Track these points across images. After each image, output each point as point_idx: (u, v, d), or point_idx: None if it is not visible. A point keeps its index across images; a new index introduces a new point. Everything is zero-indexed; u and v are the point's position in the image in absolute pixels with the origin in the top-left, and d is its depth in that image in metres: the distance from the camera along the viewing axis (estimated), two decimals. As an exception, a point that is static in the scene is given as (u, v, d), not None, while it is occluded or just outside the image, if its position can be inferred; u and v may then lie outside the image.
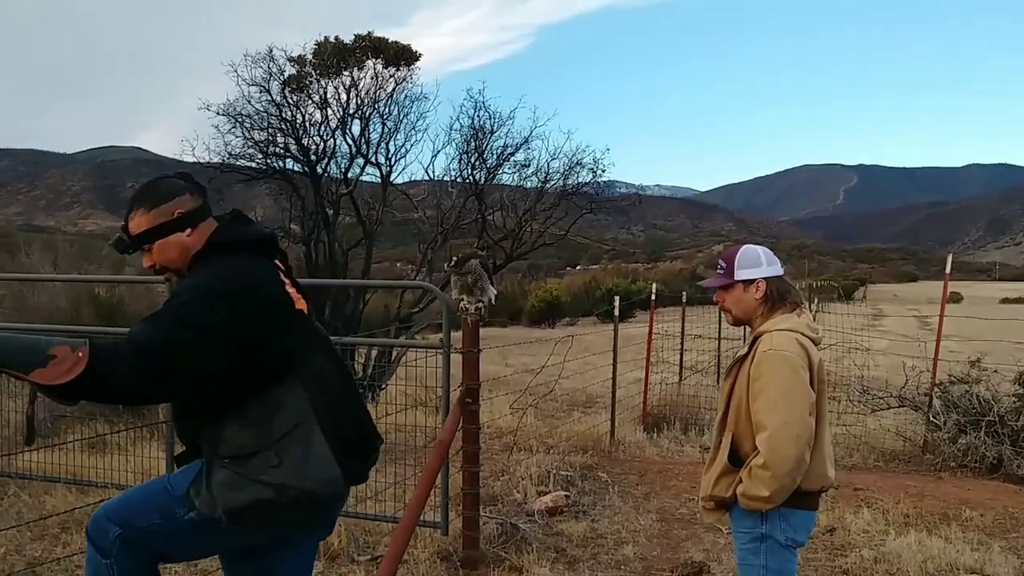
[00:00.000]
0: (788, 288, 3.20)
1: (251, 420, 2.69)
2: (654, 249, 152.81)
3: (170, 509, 2.78)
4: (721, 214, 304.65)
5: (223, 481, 2.68)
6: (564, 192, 13.88)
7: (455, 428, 4.77)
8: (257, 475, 2.66)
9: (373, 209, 13.65)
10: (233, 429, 2.70)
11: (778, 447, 2.93)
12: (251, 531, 2.78)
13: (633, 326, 17.34)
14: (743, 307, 3.21)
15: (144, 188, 2.91)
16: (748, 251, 3.23)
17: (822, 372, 3.13)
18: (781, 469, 2.93)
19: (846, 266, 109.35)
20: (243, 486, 2.66)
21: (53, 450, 6.20)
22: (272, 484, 2.65)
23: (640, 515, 6.18)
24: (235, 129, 12.98)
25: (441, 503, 5.27)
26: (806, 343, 3.06)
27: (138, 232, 2.83)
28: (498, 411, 8.52)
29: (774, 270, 3.19)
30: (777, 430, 2.93)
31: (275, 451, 2.68)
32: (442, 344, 5.32)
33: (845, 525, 5.77)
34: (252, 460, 2.68)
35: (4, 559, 4.77)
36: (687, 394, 10.22)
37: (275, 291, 2.80)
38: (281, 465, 2.67)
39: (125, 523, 2.77)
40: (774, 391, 2.97)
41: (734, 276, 3.20)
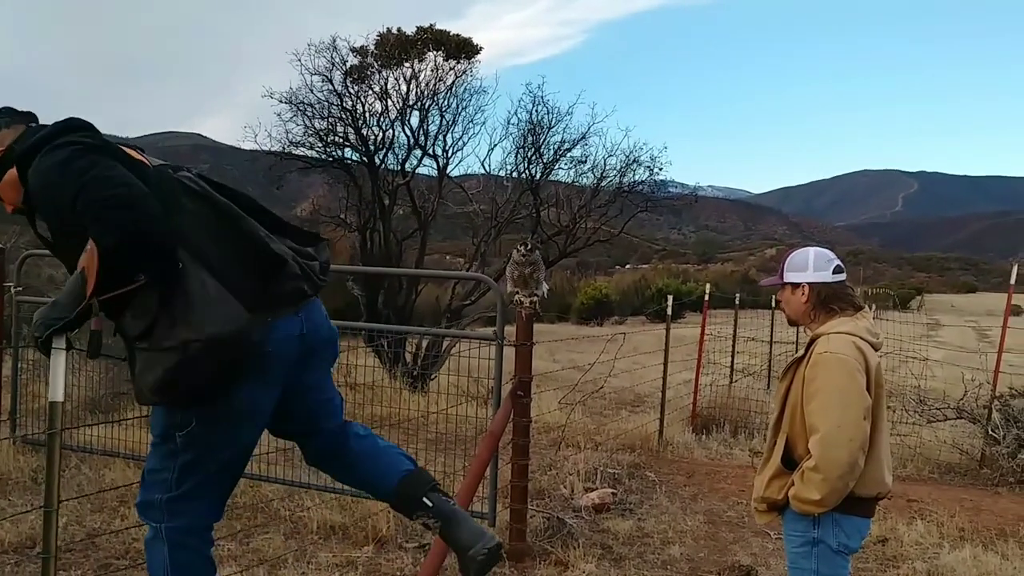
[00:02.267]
0: (837, 293, 3.18)
1: (144, 289, 2.61)
2: (705, 250, 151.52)
3: (166, 449, 2.85)
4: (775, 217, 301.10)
5: (140, 369, 2.65)
6: (620, 190, 13.84)
7: (506, 421, 4.79)
8: (159, 343, 2.60)
9: (428, 201, 13.74)
10: (131, 306, 2.65)
11: (830, 450, 2.92)
12: (197, 403, 2.75)
13: (683, 327, 17.22)
14: (792, 308, 3.28)
15: None
16: (798, 255, 3.28)
17: (880, 377, 3.10)
18: (833, 473, 2.92)
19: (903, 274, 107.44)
20: (154, 362, 2.62)
21: (113, 426, 6.33)
22: (173, 347, 2.58)
23: (687, 516, 6.15)
24: (296, 117, 13.14)
25: (489, 495, 5.30)
26: (864, 347, 3.05)
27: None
28: (546, 406, 8.52)
29: (822, 276, 3.19)
30: (830, 433, 2.92)
31: (167, 312, 2.61)
32: (495, 336, 5.34)
33: (898, 536, 5.69)
34: (153, 332, 2.62)
35: (65, 529, 4.89)
36: (737, 397, 10.14)
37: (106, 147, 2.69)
38: (176, 324, 2.59)
39: (158, 485, 2.88)
40: (828, 394, 2.96)
41: (783, 278, 3.27)
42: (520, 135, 13.61)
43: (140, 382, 2.67)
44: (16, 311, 6.72)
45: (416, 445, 6.25)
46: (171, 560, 2.86)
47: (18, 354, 6.79)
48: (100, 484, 5.70)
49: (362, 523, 5.21)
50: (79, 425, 6.42)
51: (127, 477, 5.80)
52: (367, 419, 7.09)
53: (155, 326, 2.61)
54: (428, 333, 10.65)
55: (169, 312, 2.60)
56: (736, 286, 28.36)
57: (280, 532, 5.13)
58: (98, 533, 4.92)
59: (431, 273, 14.27)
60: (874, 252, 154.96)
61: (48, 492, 2.54)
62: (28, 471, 5.96)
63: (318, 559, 4.76)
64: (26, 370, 6.93)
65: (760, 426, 9.35)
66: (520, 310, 5.05)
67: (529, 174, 13.60)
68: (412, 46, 13.12)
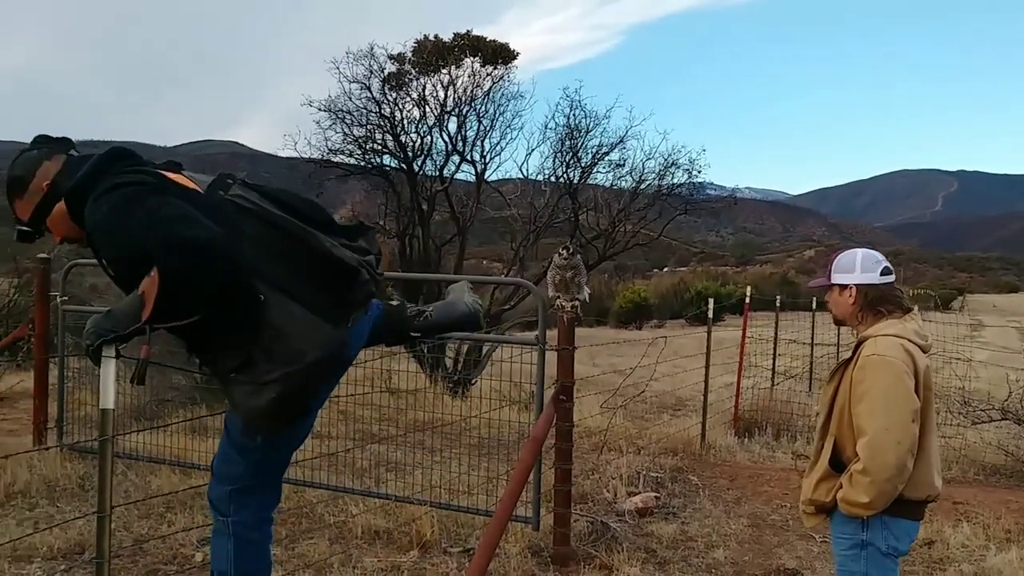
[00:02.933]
0: (885, 295, 3.14)
1: (230, 326, 2.74)
2: (743, 252, 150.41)
3: (244, 444, 3.00)
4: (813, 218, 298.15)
5: (241, 398, 2.81)
6: (658, 193, 13.79)
7: (549, 425, 4.78)
8: (260, 378, 2.74)
9: (466, 206, 13.77)
10: (219, 343, 2.79)
11: (878, 453, 2.89)
12: (294, 416, 2.95)
13: (723, 330, 17.10)
14: (839, 309, 3.25)
15: (8, 174, 2.85)
16: (846, 256, 3.25)
17: (929, 379, 3.06)
18: (881, 475, 2.89)
19: (943, 274, 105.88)
20: (256, 393, 2.76)
21: (158, 432, 6.40)
22: (275, 379, 2.72)
23: (731, 519, 6.10)
24: (335, 125, 13.24)
25: (533, 499, 5.29)
26: (912, 349, 3.01)
27: (26, 219, 2.84)
28: (587, 411, 8.49)
29: (869, 277, 3.15)
30: (878, 435, 2.89)
31: (260, 347, 2.73)
32: (537, 340, 5.33)
33: (944, 539, 5.61)
34: (250, 367, 2.75)
35: (113, 535, 4.93)
36: (779, 399, 10.05)
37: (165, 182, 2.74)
38: (272, 357, 2.73)
39: (229, 477, 3.05)
40: (876, 396, 2.93)
41: (830, 279, 3.23)
42: (558, 139, 13.63)
43: (245, 407, 2.83)
44: (62, 320, 6.82)
45: (458, 450, 6.27)
46: (235, 553, 3.03)
47: (64, 363, 6.89)
48: (146, 491, 5.77)
49: (406, 528, 5.22)
50: (126, 432, 6.49)
51: (173, 484, 5.86)
52: (408, 424, 7.12)
53: (250, 361, 2.74)
54: (469, 338, 10.65)
55: (263, 346, 2.73)
56: (775, 288, 28.13)
57: (325, 537, 5.16)
58: (145, 539, 4.97)
59: (472, 279, 14.24)
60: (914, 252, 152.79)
61: (101, 498, 2.57)
62: (75, 478, 6.04)
63: (363, 564, 4.77)
64: (71, 378, 7.02)
65: (802, 429, 9.26)
66: (562, 314, 5.04)
67: (567, 178, 13.59)
68: (449, 52, 13.16)
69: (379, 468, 6.30)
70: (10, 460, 5.82)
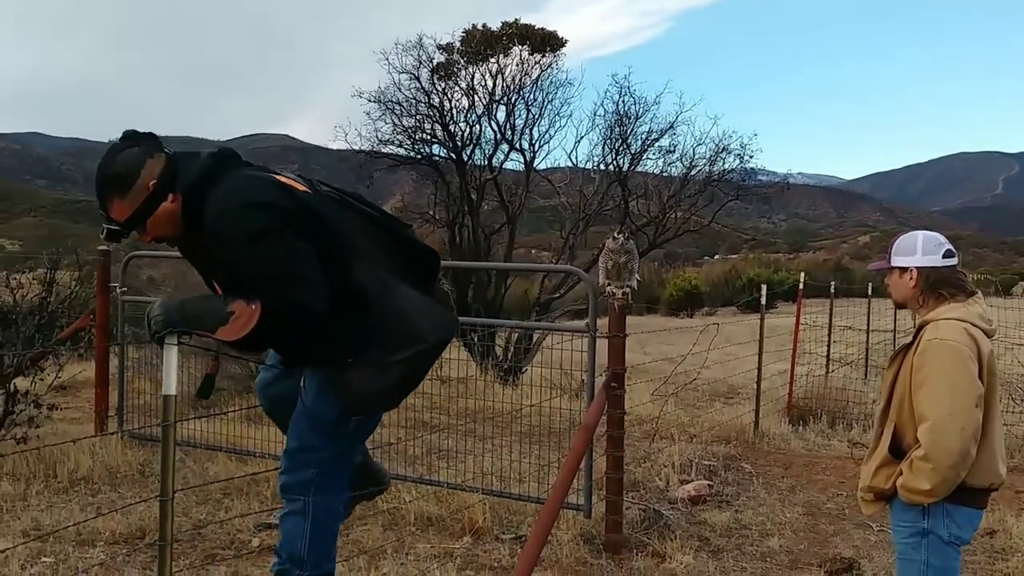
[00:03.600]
0: (947, 278, 3.07)
1: (346, 320, 2.88)
2: (796, 239, 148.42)
3: (332, 423, 3.09)
4: (868, 203, 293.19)
5: (362, 379, 2.94)
6: (709, 179, 13.65)
7: (600, 412, 4.77)
8: (385, 359, 2.92)
9: (515, 195, 13.77)
10: (337, 329, 2.88)
11: (941, 439, 2.83)
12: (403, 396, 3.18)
13: (776, 317, 16.90)
14: (899, 292, 3.19)
15: (104, 171, 2.82)
16: (907, 238, 3.18)
17: (993, 364, 3.00)
18: (943, 462, 2.83)
19: (1004, 259, 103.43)
20: (379, 374, 2.94)
21: (214, 420, 6.52)
22: (404, 358, 2.94)
23: (786, 508, 6.05)
24: (385, 116, 13.32)
25: (584, 486, 5.29)
26: (976, 333, 2.95)
27: (124, 220, 2.82)
28: (638, 398, 8.46)
29: (931, 260, 3.08)
30: (940, 421, 2.84)
31: (387, 330, 2.93)
32: (588, 328, 5.32)
33: (1006, 528, 5.49)
34: (372, 350, 2.93)
35: (173, 520, 5.05)
36: (834, 387, 9.91)
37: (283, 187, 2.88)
38: (399, 338, 2.94)
39: (313, 462, 3.12)
40: (938, 381, 2.88)
41: (890, 262, 3.18)
42: (607, 126, 13.55)
43: (365, 390, 2.98)
44: (121, 311, 6.96)
45: (509, 438, 6.29)
46: (311, 534, 3.11)
47: (124, 352, 7.03)
48: (204, 477, 5.88)
49: (458, 515, 5.26)
50: (184, 418, 6.61)
51: (229, 471, 5.96)
52: (459, 413, 7.16)
53: (374, 345, 2.93)
54: (519, 326, 10.67)
55: (389, 329, 2.94)
56: (829, 274, 27.72)
57: (378, 524, 5.21)
58: (204, 524, 5.06)
59: (522, 267, 14.31)
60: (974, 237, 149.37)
61: (163, 482, 2.63)
62: (136, 465, 6.18)
63: (416, 550, 4.82)
64: (131, 368, 7.18)
65: (858, 416, 9.13)
66: (612, 301, 5.03)
67: (617, 165, 13.52)
68: (497, 41, 13.16)
69: (431, 456, 6.35)
70: (73, 447, 5.96)
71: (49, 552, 4.55)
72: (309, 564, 3.15)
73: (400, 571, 4.51)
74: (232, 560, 4.55)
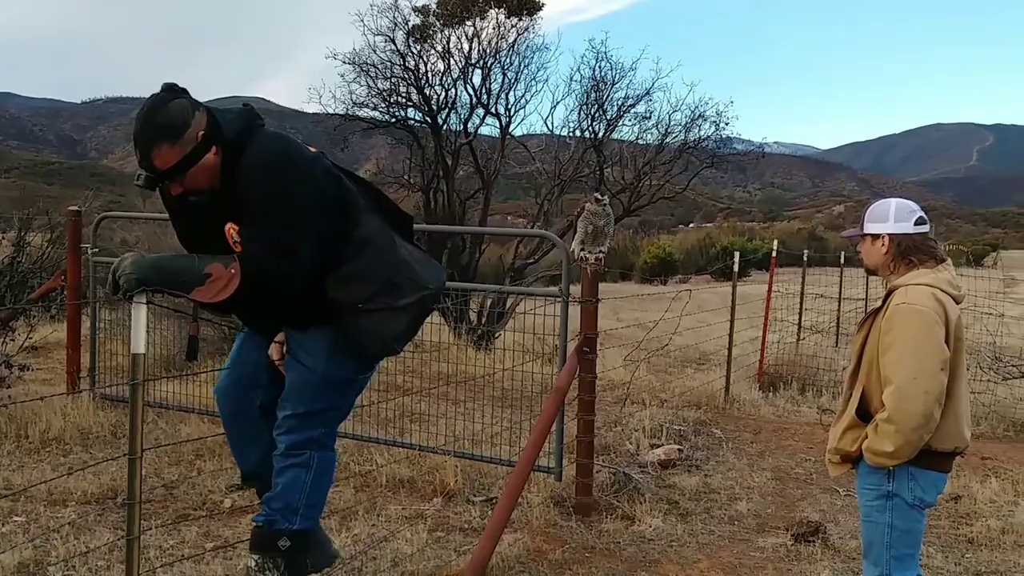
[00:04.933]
0: (918, 245, 3.10)
1: (359, 263, 3.11)
2: (771, 208, 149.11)
3: (345, 383, 3.33)
4: (843, 173, 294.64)
5: (377, 322, 3.14)
6: (684, 146, 13.65)
7: (572, 377, 4.81)
8: (396, 303, 3.15)
9: (491, 160, 13.72)
10: (349, 277, 3.09)
11: (904, 402, 2.88)
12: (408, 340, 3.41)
13: (749, 285, 17.02)
14: (871, 259, 3.22)
15: (154, 119, 2.86)
16: (879, 206, 3.21)
17: (960, 330, 3.04)
18: (907, 425, 2.88)
19: (977, 230, 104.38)
20: (392, 317, 3.16)
21: (187, 382, 6.50)
22: (412, 302, 3.19)
23: (754, 472, 6.13)
24: (360, 78, 13.19)
25: (555, 449, 5.34)
26: (944, 299, 2.98)
27: (168, 167, 2.85)
28: (610, 363, 8.52)
29: (903, 227, 3.11)
30: (905, 384, 2.88)
31: (399, 275, 3.18)
32: (561, 293, 5.34)
33: (971, 494, 5.60)
34: (381, 296, 3.13)
35: (144, 480, 5.02)
36: (805, 354, 10.03)
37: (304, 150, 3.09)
38: (404, 284, 3.18)
39: (327, 419, 3.32)
40: (904, 345, 2.92)
41: (863, 229, 3.21)
42: (583, 92, 13.49)
43: (382, 332, 3.17)
44: (93, 272, 6.91)
45: (482, 402, 6.32)
46: (311, 485, 3.28)
47: (96, 313, 6.99)
48: (176, 438, 5.87)
49: (429, 476, 5.30)
50: (156, 378, 6.60)
51: (201, 431, 5.97)
52: (432, 377, 7.19)
53: (387, 290, 3.13)
54: (493, 290, 10.69)
55: (401, 274, 3.18)
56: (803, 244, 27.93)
57: (350, 486, 5.24)
58: (175, 484, 5.07)
59: (496, 230, 14.31)
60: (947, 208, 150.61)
61: (132, 440, 2.62)
62: (108, 426, 6.16)
63: (387, 511, 4.85)
64: (103, 329, 7.14)
65: (828, 384, 9.24)
66: (585, 267, 5.05)
67: (592, 131, 13.48)
68: (474, 4, 13.05)
69: (403, 419, 6.37)
70: (44, 408, 5.94)
71: (20, 511, 4.54)
72: (300, 517, 3.26)
73: (371, 532, 4.54)
74: (204, 520, 4.57)
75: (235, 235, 2.96)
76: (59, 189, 62.69)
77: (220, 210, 3.00)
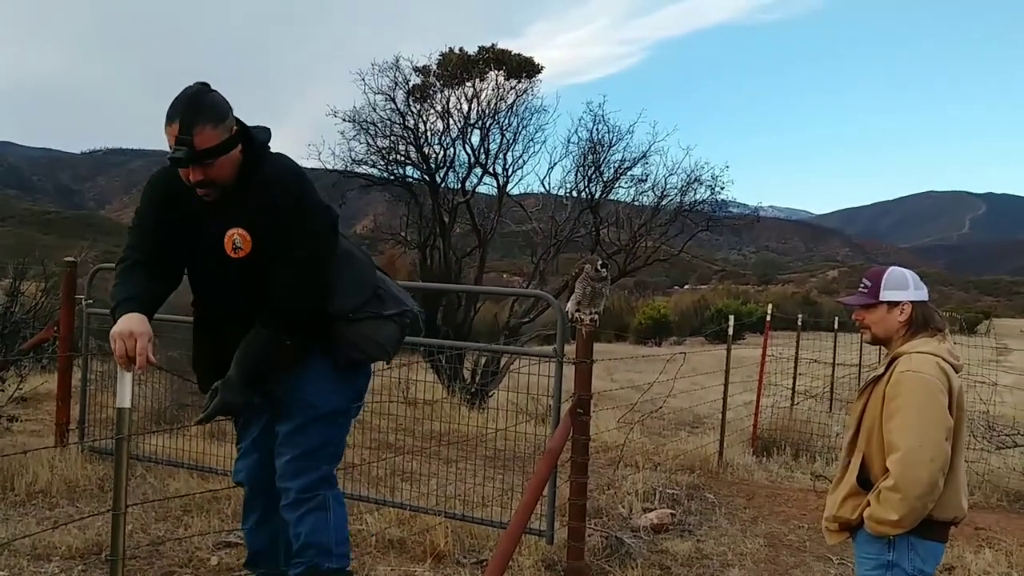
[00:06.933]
0: (932, 314, 3.14)
1: (346, 276, 3.29)
2: (765, 271, 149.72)
3: (340, 413, 3.46)
4: (837, 238, 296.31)
5: (368, 329, 3.33)
6: (680, 209, 13.76)
7: (565, 438, 4.77)
8: (382, 312, 3.36)
9: (487, 219, 13.81)
10: (338, 289, 3.27)
11: (910, 469, 2.86)
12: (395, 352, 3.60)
13: (743, 348, 17.01)
14: (884, 327, 3.17)
15: (201, 101, 2.98)
16: (896, 272, 3.19)
17: (962, 399, 3.05)
18: (912, 492, 2.86)
19: (970, 298, 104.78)
20: (381, 324, 3.36)
21: (177, 436, 6.45)
22: (397, 313, 3.41)
23: (747, 538, 6.06)
24: (359, 135, 13.33)
25: (547, 512, 5.28)
26: (947, 368, 3.00)
27: (206, 147, 2.94)
28: (604, 425, 8.48)
29: (921, 295, 3.14)
30: (911, 452, 2.87)
31: (381, 287, 3.41)
32: (556, 353, 5.33)
33: (965, 564, 5.54)
34: (370, 306, 3.33)
35: (131, 536, 4.98)
36: (799, 419, 10.00)
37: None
38: (386, 300, 3.40)
39: (335, 456, 3.51)
40: (910, 412, 2.91)
41: (879, 296, 3.16)
42: (580, 153, 13.67)
43: (373, 338, 3.35)
44: (87, 323, 6.88)
45: (474, 462, 6.27)
46: (335, 521, 3.41)
47: (87, 365, 6.95)
48: (164, 493, 5.80)
49: (420, 537, 5.23)
50: (144, 432, 6.54)
51: (190, 487, 5.89)
52: (425, 435, 7.14)
53: (374, 301, 3.34)
54: (487, 349, 10.68)
55: (383, 287, 3.41)
56: (797, 308, 27.99)
57: (339, 545, 5.16)
58: (162, 540, 5.00)
59: (492, 290, 14.33)
60: (940, 275, 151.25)
61: (116, 496, 2.60)
62: (95, 479, 6.08)
63: (376, 573, 4.78)
64: (94, 381, 7.08)
65: (822, 449, 9.20)
66: (580, 327, 5.05)
67: (589, 192, 13.61)
68: (474, 65, 13.24)
69: (394, 477, 6.31)
70: (31, 460, 5.87)
71: (3, 565, 4.46)
72: (336, 556, 3.41)
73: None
74: (189, 578, 4.49)
75: (238, 241, 3.09)
76: (55, 239, 62.76)
77: (226, 212, 3.11)
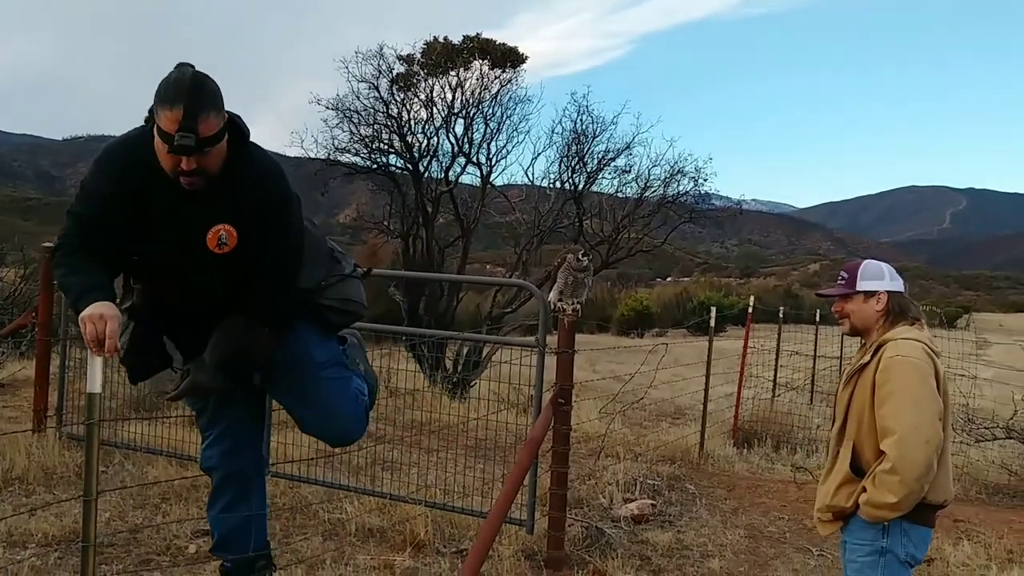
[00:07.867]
0: (908, 304, 3.20)
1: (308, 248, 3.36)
2: (748, 264, 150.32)
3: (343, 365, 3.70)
4: (819, 232, 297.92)
5: (342, 290, 3.54)
6: (663, 200, 13.77)
7: (546, 428, 4.77)
8: (347, 272, 3.58)
9: (471, 209, 13.77)
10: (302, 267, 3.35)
11: (908, 451, 2.89)
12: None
13: (725, 340, 17.09)
14: (862, 317, 3.22)
15: (204, 86, 2.88)
16: (871, 264, 3.26)
17: (946, 384, 3.09)
18: (911, 474, 2.88)
19: (950, 292, 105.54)
20: (353, 285, 3.59)
21: (156, 424, 6.41)
22: (352, 273, 3.61)
23: (727, 529, 6.08)
24: (342, 124, 13.26)
25: (528, 502, 5.27)
26: (931, 353, 3.05)
27: (209, 135, 2.86)
28: (586, 416, 8.48)
29: (896, 285, 3.19)
30: (907, 434, 2.89)
31: (331, 252, 3.57)
32: (538, 343, 5.31)
33: (944, 556, 5.57)
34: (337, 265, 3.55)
35: (108, 524, 4.95)
36: (780, 411, 10.03)
37: None
38: (340, 257, 3.61)
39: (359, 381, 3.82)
40: (903, 396, 2.94)
41: (856, 287, 3.22)
42: (564, 144, 13.63)
43: (356, 299, 3.60)
44: (65, 309, 6.82)
45: (455, 451, 6.26)
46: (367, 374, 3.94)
47: (66, 351, 6.89)
48: (143, 481, 5.76)
49: (400, 527, 5.22)
50: (123, 419, 6.49)
51: (169, 474, 5.85)
52: (406, 424, 7.12)
53: (331, 269, 3.52)
54: (469, 339, 10.66)
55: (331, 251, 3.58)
56: (779, 300, 28.07)
57: (318, 533, 5.15)
58: (140, 528, 4.96)
59: (474, 279, 14.30)
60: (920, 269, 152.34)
61: (87, 482, 2.56)
62: (73, 466, 6.02)
63: (356, 561, 4.76)
64: (72, 367, 7.02)
65: (803, 441, 9.24)
66: (563, 317, 5.04)
67: (572, 183, 13.59)
68: (458, 55, 13.19)
69: (375, 466, 6.30)
70: (8, 446, 5.82)
71: (-23, 553, 4.42)
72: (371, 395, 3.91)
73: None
74: (168, 567, 4.46)
75: (224, 238, 3.07)
76: (35, 225, 62.31)
77: (207, 204, 3.04)
